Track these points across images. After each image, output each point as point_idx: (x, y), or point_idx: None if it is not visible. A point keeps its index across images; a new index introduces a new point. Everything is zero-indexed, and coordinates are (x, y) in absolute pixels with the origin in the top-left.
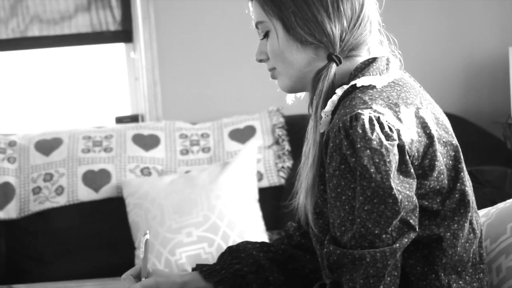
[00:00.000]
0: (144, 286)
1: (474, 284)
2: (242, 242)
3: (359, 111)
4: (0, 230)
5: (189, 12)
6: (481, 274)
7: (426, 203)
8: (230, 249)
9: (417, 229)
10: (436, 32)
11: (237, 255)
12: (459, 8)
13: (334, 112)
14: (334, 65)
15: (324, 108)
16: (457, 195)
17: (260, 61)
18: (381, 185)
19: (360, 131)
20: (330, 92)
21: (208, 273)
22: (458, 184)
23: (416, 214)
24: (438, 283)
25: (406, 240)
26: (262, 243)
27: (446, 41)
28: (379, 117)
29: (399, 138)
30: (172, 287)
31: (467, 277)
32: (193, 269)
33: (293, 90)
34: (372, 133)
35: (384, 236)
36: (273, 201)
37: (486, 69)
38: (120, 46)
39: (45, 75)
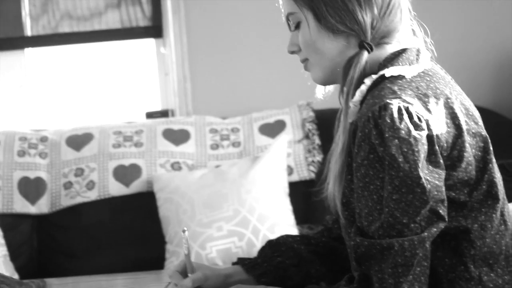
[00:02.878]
0: (194, 280)
1: (506, 277)
2: (282, 236)
3: (388, 100)
4: (32, 225)
5: (219, 6)
6: None
7: (454, 194)
8: (270, 243)
9: (446, 219)
10: (468, 24)
11: (278, 248)
12: None
13: (362, 102)
14: (365, 53)
15: (353, 97)
16: (484, 186)
17: (292, 52)
18: (409, 175)
19: (389, 121)
20: (361, 81)
21: (250, 266)
22: (486, 175)
23: (445, 204)
24: (467, 275)
25: (435, 229)
26: (303, 235)
27: (478, 34)
28: (408, 107)
29: (428, 128)
30: (218, 280)
31: (499, 270)
32: (234, 263)
33: (325, 81)
34: (400, 123)
35: (412, 225)
36: (304, 195)
37: None
38: (150, 42)
39: (75, 71)
